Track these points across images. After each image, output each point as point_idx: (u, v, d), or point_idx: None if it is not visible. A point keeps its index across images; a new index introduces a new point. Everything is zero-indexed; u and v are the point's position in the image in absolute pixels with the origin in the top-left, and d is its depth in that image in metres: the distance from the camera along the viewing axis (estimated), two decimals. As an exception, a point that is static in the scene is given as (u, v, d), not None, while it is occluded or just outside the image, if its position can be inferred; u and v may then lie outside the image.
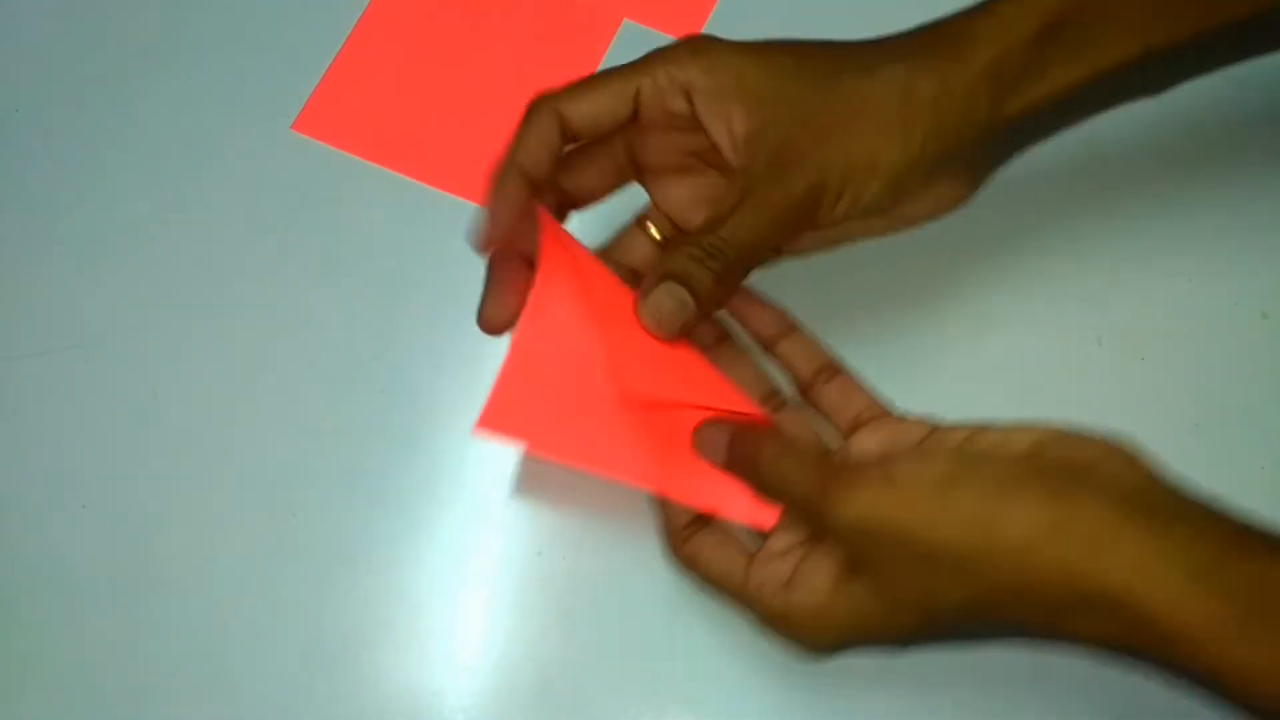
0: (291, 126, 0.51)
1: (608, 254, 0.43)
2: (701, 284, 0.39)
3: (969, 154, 0.41)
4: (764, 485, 0.39)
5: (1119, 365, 0.46)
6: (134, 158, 0.51)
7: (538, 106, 0.40)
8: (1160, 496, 0.35)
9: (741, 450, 0.40)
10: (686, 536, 0.40)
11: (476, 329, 0.47)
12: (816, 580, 0.38)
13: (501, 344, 0.47)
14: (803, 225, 0.40)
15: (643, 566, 0.43)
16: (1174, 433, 0.44)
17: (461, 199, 0.49)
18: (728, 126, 0.40)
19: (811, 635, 0.37)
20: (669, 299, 0.39)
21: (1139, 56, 0.40)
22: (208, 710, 0.43)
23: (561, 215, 0.43)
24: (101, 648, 0.44)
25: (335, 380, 0.47)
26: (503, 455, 0.45)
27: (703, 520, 0.40)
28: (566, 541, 0.44)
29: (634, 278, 0.43)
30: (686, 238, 0.40)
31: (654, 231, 0.44)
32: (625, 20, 0.52)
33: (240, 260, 0.49)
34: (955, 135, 0.40)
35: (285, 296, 0.48)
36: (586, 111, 0.40)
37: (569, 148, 0.42)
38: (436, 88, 0.51)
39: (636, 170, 0.43)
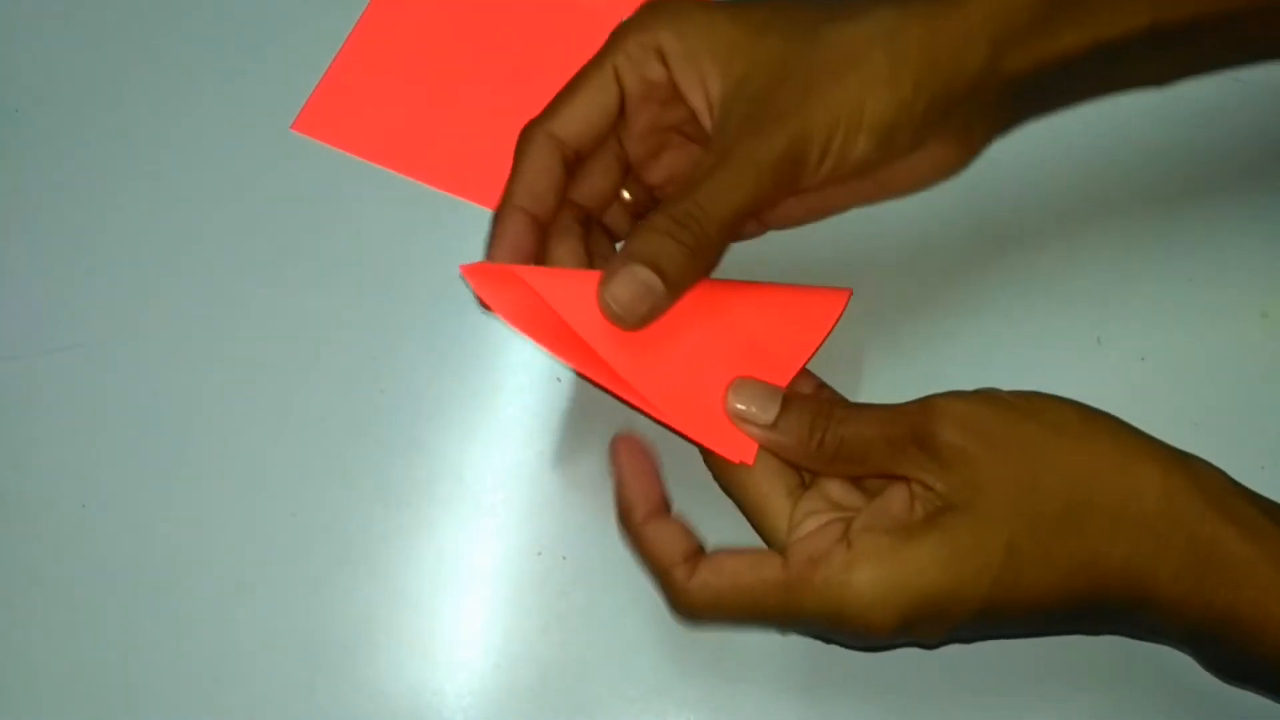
0: (291, 126, 0.51)
1: None
2: (672, 262, 0.35)
3: (963, 112, 0.38)
4: (840, 448, 0.36)
5: (1119, 365, 0.46)
6: (134, 158, 0.51)
7: (527, 136, 0.38)
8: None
9: (801, 411, 0.36)
10: (688, 570, 0.37)
11: (477, 329, 0.47)
12: (889, 517, 0.35)
13: (503, 343, 0.47)
14: (786, 187, 0.36)
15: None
16: (1174, 433, 0.44)
17: (462, 199, 0.49)
18: (703, 88, 0.37)
19: (882, 593, 0.34)
20: (630, 285, 0.35)
21: (1146, 30, 0.38)
22: (208, 710, 0.43)
23: (588, 230, 0.41)
24: (101, 648, 0.43)
25: (335, 380, 0.47)
26: (503, 455, 0.45)
27: (696, 553, 0.38)
28: (566, 541, 0.44)
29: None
30: (656, 209, 0.36)
31: (625, 194, 0.41)
32: (625, 20, 0.52)
33: (240, 260, 0.49)
34: (947, 86, 0.36)
35: (285, 296, 0.48)
36: (578, 120, 0.38)
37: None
38: (437, 88, 0.51)
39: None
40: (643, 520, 0.39)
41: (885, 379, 0.46)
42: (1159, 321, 0.46)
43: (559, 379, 0.46)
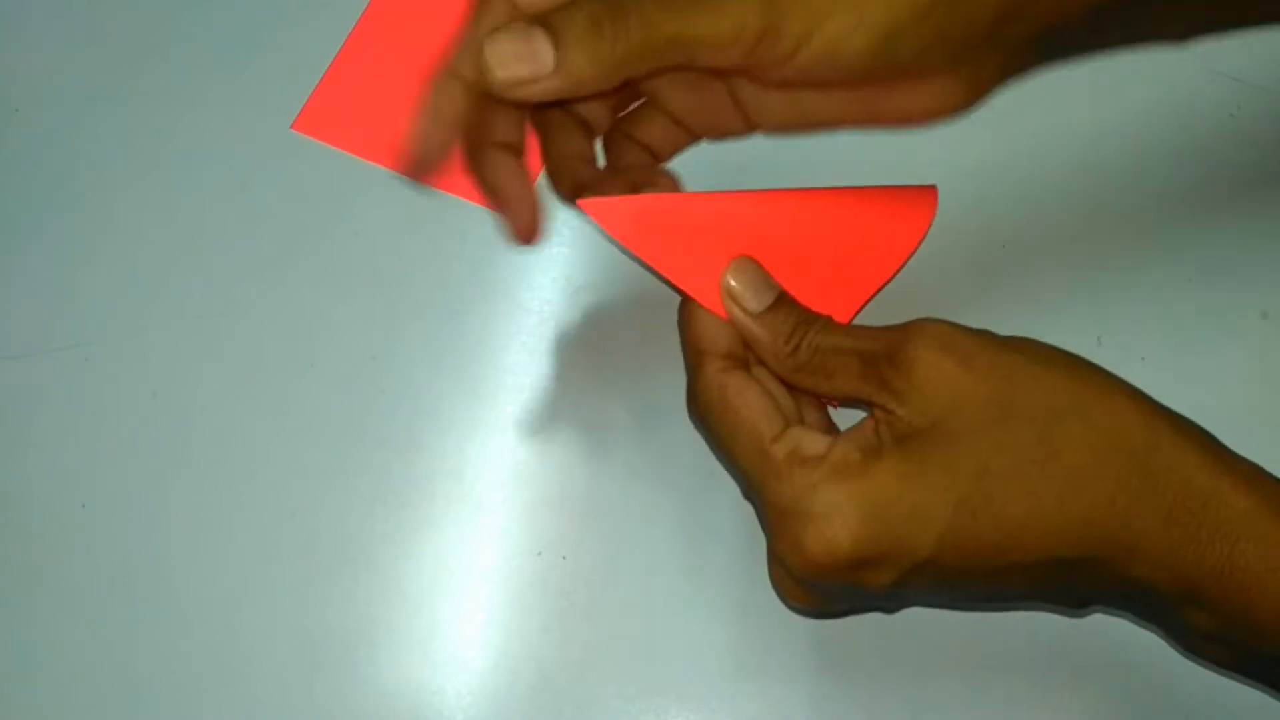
0: (291, 126, 0.51)
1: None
2: (577, 43, 0.31)
3: (977, 50, 0.35)
4: (812, 358, 0.35)
5: (1119, 365, 0.45)
6: (134, 158, 0.51)
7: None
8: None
9: (789, 311, 0.35)
10: (726, 368, 0.36)
11: (476, 329, 0.47)
12: (861, 440, 0.33)
13: (504, 343, 0.47)
14: (752, 55, 0.32)
15: (643, 566, 0.43)
16: (1174, 433, 0.44)
17: (462, 199, 0.49)
18: None
19: (841, 502, 0.32)
20: (516, 42, 0.31)
21: None
22: (208, 710, 0.43)
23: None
24: (101, 648, 0.43)
25: (335, 380, 0.47)
26: (503, 455, 0.45)
27: (741, 361, 0.37)
28: (566, 541, 0.44)
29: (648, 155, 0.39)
30: None
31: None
32: None
33: (240, 260, 0.49)
34: (966, 17, 0.33)
35: (285, 296, 0.48)
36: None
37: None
38: (436, 88, 0.51)
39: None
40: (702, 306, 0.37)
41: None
42: (1159, 321, 0.46)
43: (559, 379, 0.46)
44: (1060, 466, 0.32)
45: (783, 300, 0.36)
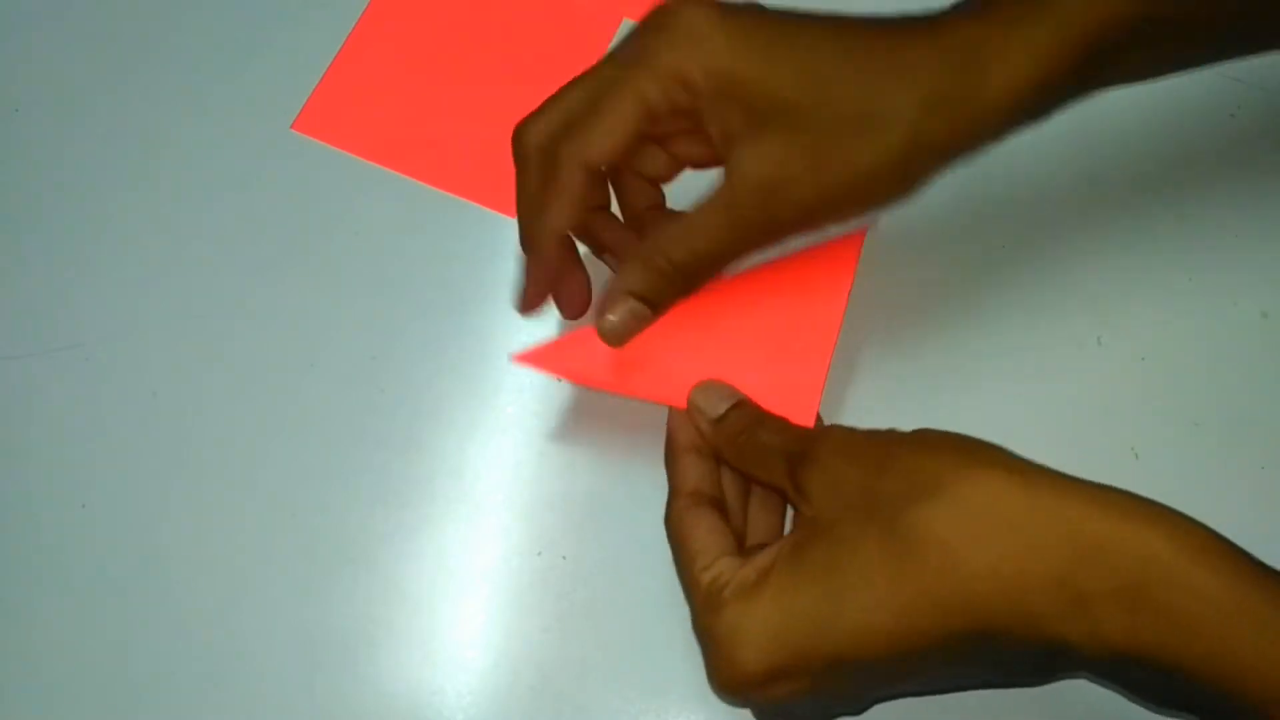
0: (291, 126, 0.51)
1: None
2: (662, 299, 0.40)
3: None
4: (749, 447, 0.38)
5: (1119, 365, 0.46)
6: (134, 158, 0.51)
7: (565, 161, 0.38)
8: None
9: (740, 415, 0.39)
10: (688, 504, 0.39)
11: (476, 329, 0.47)
12: (763, 558, 0.35)
13: (503, 343, 0.47)
14: (778, 241, 0.39)
15: (643, 566, 0.43)
16: (1174, 433, 0.44)
17: (462, 199, 0.49)
18: (723, 125, 0.38)
19: (742, 625, 0.34)
20: (627, 318, 0.40)
21: (1149, 71, 0.39)
22: (208, 710, 0.43)
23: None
24: (101, 647, 0.44)
25: (335, 380, 0.47)
26: (503, 455, 0.45)
27: (713, 502, 0.39)
28: (566, 541, 0.44)
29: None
30: (655, 241, 0.39)
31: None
32: (625, 19, 0.52)
33: (240, 260, 0.49)
34: (949, 162, 0.37)
35: (285, 296, 0.48)
36: (613, 145, 0.38)
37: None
38: (436, 87, 0.51)
39: None
40: (682, 449, 0.40)
41: (883, 380, 0.46)
42: (1159, 321, 0.46)
43: (559, 379, 0.46)
44: (934, 546, 0.32)
45: (737, 406, 0.40)
